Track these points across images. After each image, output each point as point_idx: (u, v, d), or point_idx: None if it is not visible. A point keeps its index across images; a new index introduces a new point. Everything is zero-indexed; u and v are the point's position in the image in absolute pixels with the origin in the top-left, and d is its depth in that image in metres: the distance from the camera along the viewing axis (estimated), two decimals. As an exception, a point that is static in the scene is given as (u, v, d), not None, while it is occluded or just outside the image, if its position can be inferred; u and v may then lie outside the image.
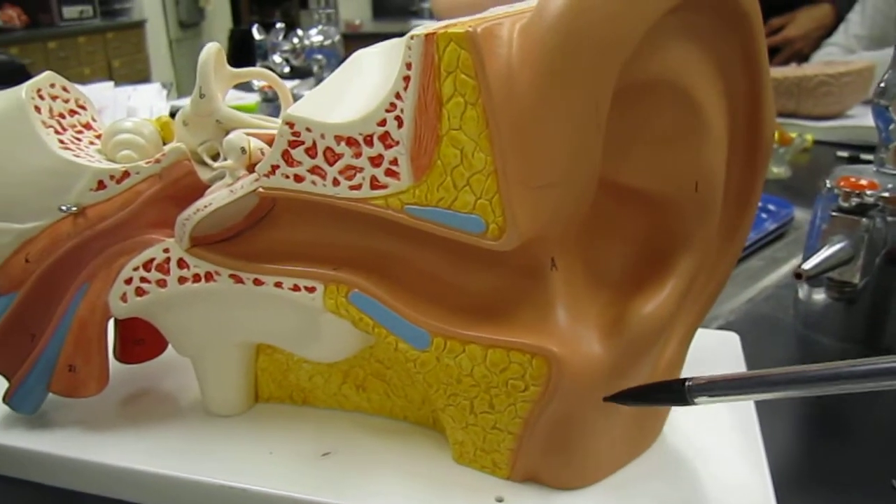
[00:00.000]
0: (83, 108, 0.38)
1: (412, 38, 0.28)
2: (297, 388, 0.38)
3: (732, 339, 0.43)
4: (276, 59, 1.01)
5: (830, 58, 1.24)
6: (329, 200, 0.31)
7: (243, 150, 0.33)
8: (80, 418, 0.37)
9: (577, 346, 0.30)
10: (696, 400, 0.27)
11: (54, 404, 0.38)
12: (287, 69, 1.04)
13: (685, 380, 0.28)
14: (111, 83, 1.05)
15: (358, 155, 0.30)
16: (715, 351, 0.42)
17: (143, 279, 0.34)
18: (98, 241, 0.34)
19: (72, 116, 0.37)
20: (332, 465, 0.34)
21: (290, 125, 0.31)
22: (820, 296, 0.48)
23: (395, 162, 0.29)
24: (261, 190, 0.32)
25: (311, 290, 0.33)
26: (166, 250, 0.34)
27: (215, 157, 0.36)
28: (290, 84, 1.08)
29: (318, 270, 0.33)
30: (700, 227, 0.32)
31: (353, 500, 0.31)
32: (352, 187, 0.31)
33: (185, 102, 0.36)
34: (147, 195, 0.34)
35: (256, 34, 1.05)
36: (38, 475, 0.36)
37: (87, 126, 0.38)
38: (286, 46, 1.01)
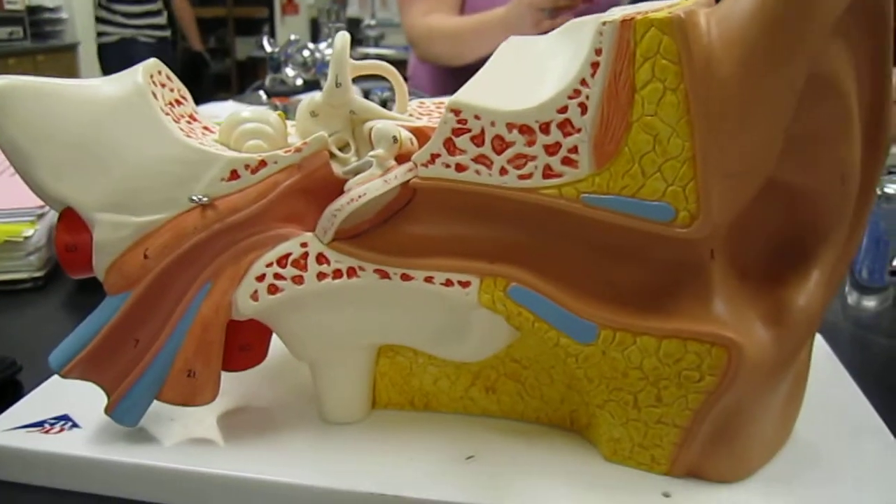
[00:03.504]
0: (185, 98, 0.36)
1: (604, 24, 0.28)
2: (420, 392, 0.36)
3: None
4: (290, 71, 0.99)
5: None
6: (492, 191, 0.30)
7: (395, 138, 0.31)
8: (186, 430, 0.35)
9: (750, 336, 0.30)
10: None
11: (150, 417, 0.35)
12: (300, 82, 1.03)
13: None
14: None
15: (531, 143, 0.29)
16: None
17: (277, 276, 0.32)
18: (227, 236, 0.32)
19: (178, 106, 0.35)
20: (481, 468, 0.32)
21: (456, 112, 0.30)
22: (871, 303, 0.50)
23: (574, 150, 0.29)
24: (417, 180, 0.31)
25: (465, 284, 0.32)
26: (304, 245, 0.32)
27: (342, 150, 0.34)
28: (304, 97, 1.06)
29: (475, 264, 0.31)
30: (840, 220, 0.33)
31: (510, 500, 0.30)
32: (521, 177, 0.30)
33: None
34: (285, 186, 0.32)
35: (268, 47, 1.03)
36: (155, 492, 0.33)
37: (192, 117, 0.35)
38: (299, 59, 1.00)
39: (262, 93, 1.00)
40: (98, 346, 0.33)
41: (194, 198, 0.32)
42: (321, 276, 0.32)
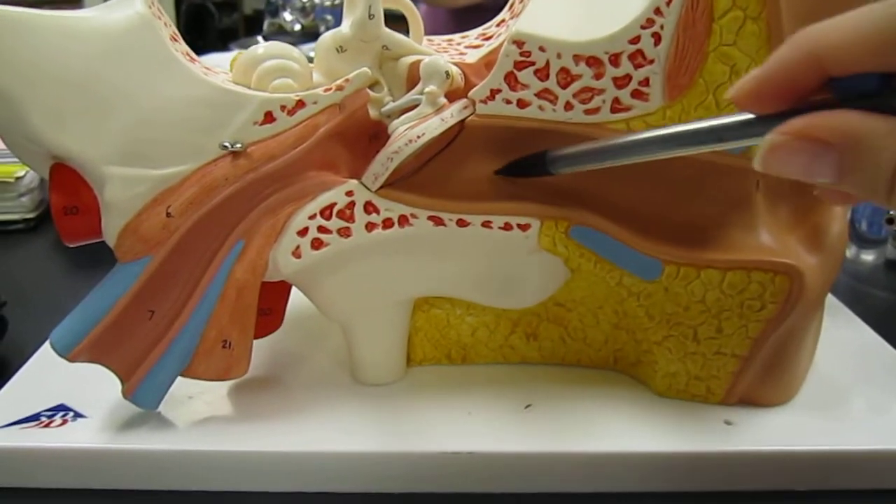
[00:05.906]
0: (177, 36, 0.31)
1: (681, -51, 0.27)
2: (457, 345, 0.35)
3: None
4: (287, 16, 0.91)
5: None
6: (555, 127, 0.29)
7: (447, 74, 0.29)
8: (210, 408, 0.31)
9: (804, 262, 0.31)
10: (557, 171, 0.28)
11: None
12: (298, 27, 0.95)
13: (546, 152, 0.28)
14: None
15: (599, 76, 0.28)
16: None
17: (321, 228, 0.29)
18: (261, 187, 0.29)
19: (175, 43, 0.30)
20: (543, 415, 0.31)
21: (519, 44, 0.28)
22: (869, 256, 0.53)
23: (645, 82, 0.28)
24: (474, 118, 0.29)
25: (524, 227, 0.30)
26: (349, 193, 0.29)
27: (371, 89, 0.31)
28: (304, 47, 0.98)
29: (534, 206, 0.30)
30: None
31: (587, 444, 0.30)
32: (587, 111, 0.29)
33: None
34: (326, 129, 0.29)
35: None
36: (190, 479, 0.29)
37: (189, 56, 0.31)
38: (297, 4, 0.91)
39: (260, 38, 0.93)
40: (113, 323, 0.28)
41: (226, 144, 0.28)
42: (370, 226, 0.29)
